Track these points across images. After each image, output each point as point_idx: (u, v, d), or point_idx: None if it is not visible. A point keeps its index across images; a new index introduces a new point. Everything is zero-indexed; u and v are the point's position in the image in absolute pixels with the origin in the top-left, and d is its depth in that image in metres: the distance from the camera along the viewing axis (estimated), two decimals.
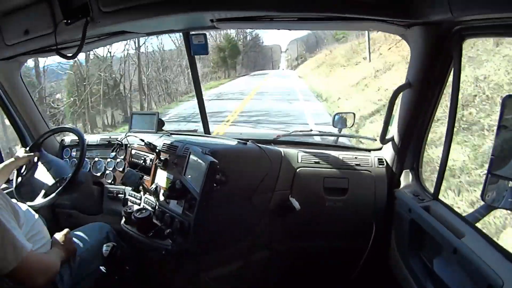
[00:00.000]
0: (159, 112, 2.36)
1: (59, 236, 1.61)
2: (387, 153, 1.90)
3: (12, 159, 1.91)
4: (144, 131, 2.28)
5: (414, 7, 1.28)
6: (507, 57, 5.77)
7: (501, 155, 1.05)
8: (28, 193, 1.92)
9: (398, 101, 1.68)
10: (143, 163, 2.07)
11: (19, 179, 1.98)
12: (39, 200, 1.86)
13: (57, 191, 1.85)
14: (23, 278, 1.31)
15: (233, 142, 1.93)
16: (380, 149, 2.00)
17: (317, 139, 2.40)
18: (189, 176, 1.66)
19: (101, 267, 1.70)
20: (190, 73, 2.49)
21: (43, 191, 1.90)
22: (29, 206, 1.76)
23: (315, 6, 1.33)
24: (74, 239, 1.69)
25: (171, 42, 20.99)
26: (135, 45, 17.38)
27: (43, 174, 1.95)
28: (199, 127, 2.45)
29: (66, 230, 1.64)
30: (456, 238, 1.25)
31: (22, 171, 2.00)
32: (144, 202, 1.95)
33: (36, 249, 1.41)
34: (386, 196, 1.87)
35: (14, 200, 1.49)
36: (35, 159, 2.00)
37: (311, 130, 2.31)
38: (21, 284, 1.32)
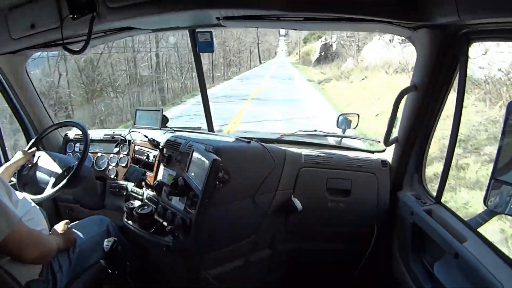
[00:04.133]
0: (163, 109, 2.36)
1: (58, 226, 1.62)
2: (391, 155, 1.89)
3: (12, 161, 1.91)
4: (148, 127, 2.29)
5: (421, 9, 1.27)
6: None
7: (505, 160, 1.05)
8: (33, 189, 1.93)
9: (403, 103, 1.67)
10: (146, 159, 2.07)
11: (22, 178, 1.99)
12: (49, 190, 1.88)
13: (66, 179, 1.87)
14: (14, 249, 1.31)
15: (237, 140, 1.93)
16: (383, 151, 2.00)
17: (321, 139, 2.38)
18: (192, 173, 1.66)
19: (101, 261, 1.71)
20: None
21: (52, 181, 1.90)
22: (38, 198, 1.78)
23: (322, 6, 1.33)
24: (74, 230, 1.69)
25: None
26: None
27: (47, 168, 1.96)
28: (203, 124, 2.45)
29: (65, 220, 1.66)
30: (458, 242, 1.25)
31: (23, 170, 2.00)
32: (146, 198, 1.96)
33: None
34: (389, 199, 1.86)
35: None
36: (35, 158, 2.01)
37: (315, 130, 2.29)
38: (12, 256, 1.33)
